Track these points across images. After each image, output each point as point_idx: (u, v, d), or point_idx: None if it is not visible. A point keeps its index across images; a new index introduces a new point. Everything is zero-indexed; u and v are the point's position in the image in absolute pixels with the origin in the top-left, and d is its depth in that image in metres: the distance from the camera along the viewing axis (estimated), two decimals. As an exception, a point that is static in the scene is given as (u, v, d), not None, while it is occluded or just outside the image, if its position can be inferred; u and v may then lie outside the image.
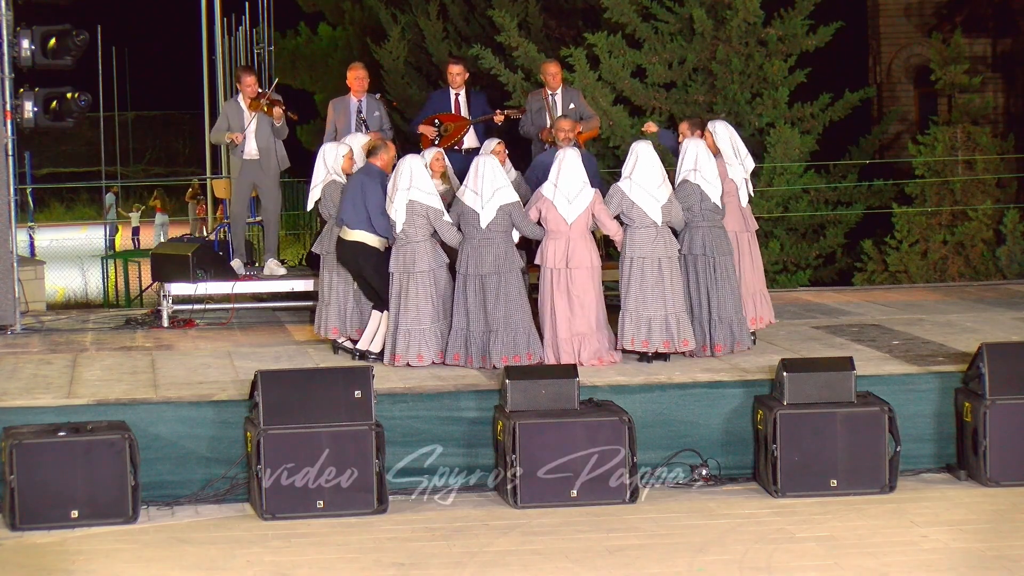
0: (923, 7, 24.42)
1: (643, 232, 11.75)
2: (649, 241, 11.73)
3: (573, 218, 11.70)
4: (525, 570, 8.98)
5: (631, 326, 11.73)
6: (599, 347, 11.73)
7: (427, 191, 11.70)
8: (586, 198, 11.74)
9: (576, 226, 11.71)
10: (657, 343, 11.72)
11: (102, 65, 27.63)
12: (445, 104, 14.27)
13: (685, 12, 19.72)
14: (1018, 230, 19.41)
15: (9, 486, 9.86)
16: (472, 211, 11.64)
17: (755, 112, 19.69)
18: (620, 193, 11.82)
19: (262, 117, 14.21)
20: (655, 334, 11.70)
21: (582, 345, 11.68)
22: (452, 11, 23.77)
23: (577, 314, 11.69)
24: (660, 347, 11.73)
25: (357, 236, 11.95)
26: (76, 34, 13.81)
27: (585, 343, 11.69)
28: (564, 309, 11.68)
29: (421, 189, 11.68)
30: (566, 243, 11.70)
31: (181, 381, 11.31)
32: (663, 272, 11.74)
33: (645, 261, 11.72)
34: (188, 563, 9.24)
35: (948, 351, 12.04)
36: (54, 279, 26.57)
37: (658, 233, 11.75)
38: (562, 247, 11.70)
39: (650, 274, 11.71)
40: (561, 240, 11.72)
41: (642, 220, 11.76)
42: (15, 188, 13.96)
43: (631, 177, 11.84)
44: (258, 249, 16.10)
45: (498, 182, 11.68)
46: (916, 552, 9.22)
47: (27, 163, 32.83)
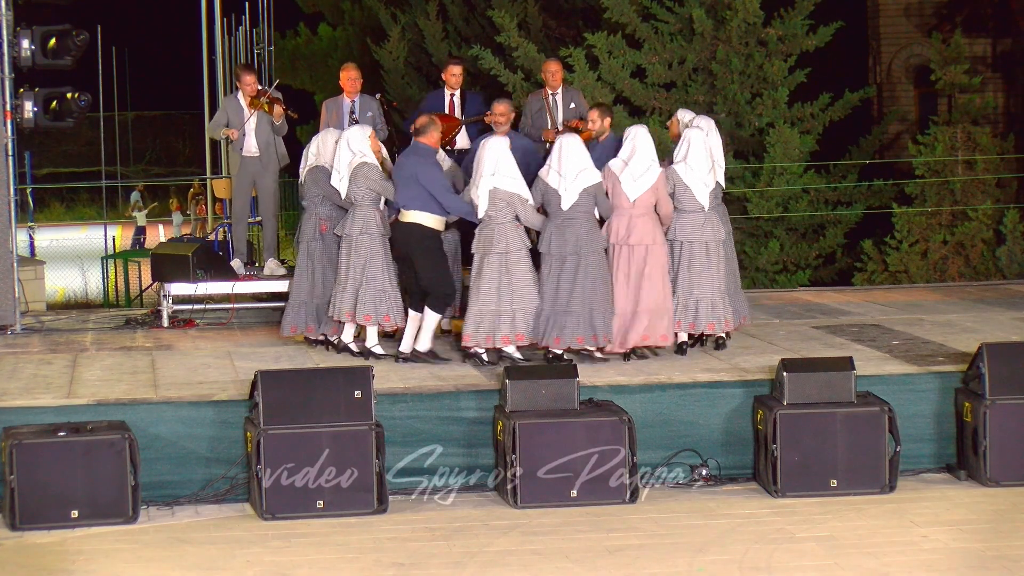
0: (923, 7, 24.42)
1: (692, 216, 12.02)
2: (698, 225, 12.02)
3: (636, 195, 11.80)
4: (525, 570, 8.98)
5: (680, 310, 12.04)
6: (652, 324, 11.83)
7: (512, 176, 11.67)
8: (652, 177, 11.85)
9: (639, 204, 11.81)
10: (703, 325, 12.06)
11: (102, 65, 27.62)
12: (440, 104, 14.27)
13: (685, 12, 19.73)
14: (1018, 230, 19.42)
15: (9, 486, 9.86)
16: (555, 192, 11.68)
17: (755, 112, 19.70)
18: (676, 176, 12.01)
19: (262, 115, 14.22)
20: (701, 317, 12.03)
21: (635, 322, 11.81)
22: (452, 11, 23.78)
23: (634, 291, 11.80)
24: (706, 329, 12.06)
25: (413, 217, 11.88)
26: (76, 34, 13.80)
27: (639, 320, 11.80)
28: (623, 285, 11.82)
29: (506, 175, 11.65)
30: (628, 220, 11.81)
31: (181, 381, 11.31)
32: (710, 256, 12.04)
33: (694, 245, 12.02)
34: (188, 563, 9.24)
35: (948, 351, 12.04)
36: (54, 279, 26.55)
37: (706, 218, 12.05)
38: (624, 224, 11.81)
39: (697, 258, 12.00)
40: (624, 217, 11.81)
41: (692, 204, 12.00)
42: (15, 188, 13.96)
43: (686, 161, 12.04)
44: (258, 249, 16.11)
45: (582, 163, 11.72)
46: (916, 552, 9.22)
47: (27, 163, 32.85)
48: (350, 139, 12.19)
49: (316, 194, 12.49)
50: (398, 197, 11.95)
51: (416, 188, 11.84)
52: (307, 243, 12.53)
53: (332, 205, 12.42)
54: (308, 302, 12.52)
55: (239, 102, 14.35)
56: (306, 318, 12.57)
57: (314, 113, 28.31)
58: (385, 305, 11.94)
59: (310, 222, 12.52)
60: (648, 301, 11.80)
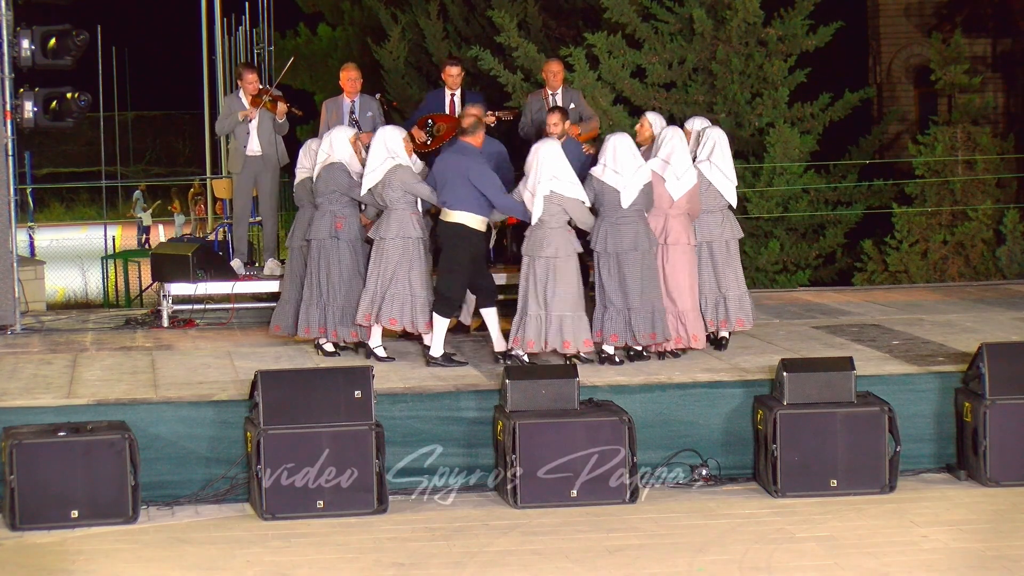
0: (923, 7, 24.43)
1: (712, 216, 12.14)
2: (718, 224, 12.16)
3: (679, 195, 11.85)
4: (525, 570, 8.98)
5: (711, 308, 12.19)
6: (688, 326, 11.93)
7: (571, 181, 11.65)
8: (693, 177, 11.93)
9: (679, 204, 11.87)
10: (732, 323, 12.22)
11: (102, 65, 27.63)
12: (440, 104, 14.26)
13: (685, 12, 19.73)
14: (1018, 230, 19.41)
15: (9, 486, 9.86)
16: (612, 190, 11.67)
17: (755, 112, 19.69)
18: (699, 175, 12.04)
19: (264, 114, 14.22)
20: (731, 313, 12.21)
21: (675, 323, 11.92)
22: (452, 11, 23.77)
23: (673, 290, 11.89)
24: (736, 326, 12.24)
25: (457, 217, 11.81)
26: (76, 34, 13.81)
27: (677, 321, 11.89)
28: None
29: (563, 179, 11.62)
30: (664, 220, 11.86)
31: (181, 381, 11.31)
32: (730, 254, 12.20)
33: (714, 245, 12.16)
34: (188, 563, 9.24)
35: (948, 351, 12.04)
36: (54, 279, 26.56)
37: (724, 217, 12.19)
38: (660, 224, 11.86)
39: (720, 257, 12.17)
40: (660, 217, 11.87)
41: (715, 202, 12.12)
42: (15, 188, 13.96)
43: (711, 160, 12.11)
44: (258, 249, 16.11)
45: (637, 160, 11.75)
46: (916, 552, 9.22)
47: (27, 163, 32.82)
48: (387, 139, 11.99)
49: (332, 191, 12.19)
50: (443, 196, 11.85)
51: (465, 188, 11.76)
52: (319, 241, 12.18)
53: (348, 202, 12.18)
54: (318, 301, 12.24)
55: (241, 100, 14.36)
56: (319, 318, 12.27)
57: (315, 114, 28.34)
58: (411, 309, 11.85)
59: (324, 219, 12.17)
60: (683, 302, 11.89)
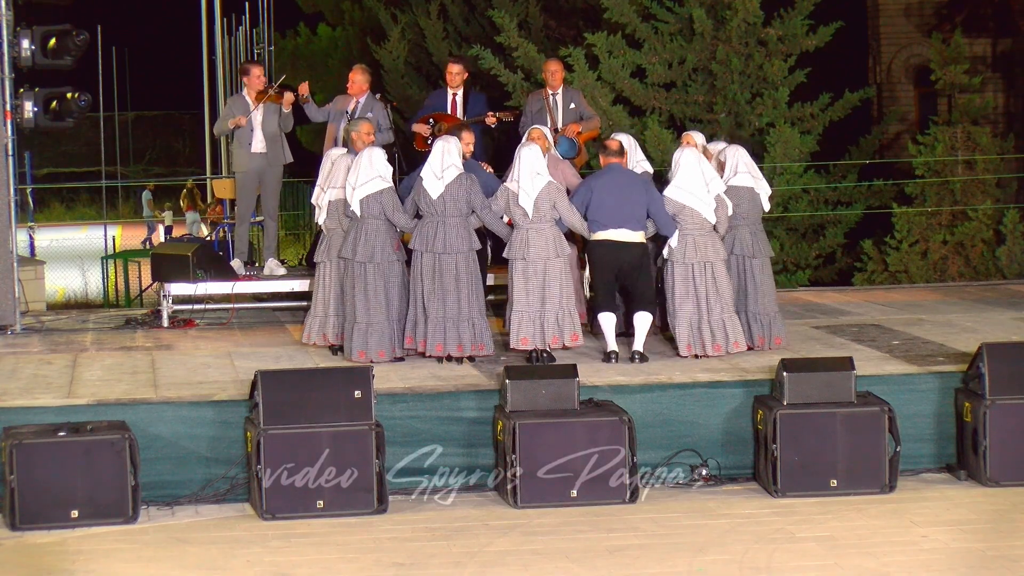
0: (923, 7, 24.42)
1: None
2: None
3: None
4: (525, 570, 8.98)
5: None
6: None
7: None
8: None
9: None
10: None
11: (102, 65, 27.64)
12: (442, 104, 14.28)
13: (685, 12, 19.72)
14: (1018, 230, 19.41)
15: (9, 486, 9.86)
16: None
17: (755, 112, 19.69)
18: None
19: (268, 112, 14.21)
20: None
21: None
22: (452, 11, 23.79)
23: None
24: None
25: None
26: (76, 34, 13.81)
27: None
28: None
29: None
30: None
31: (181, 381, 11.31)
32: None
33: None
34: (188, 563, 9.24)
35: (948, 351, 12.05)
36: (54, 279, 26.59)
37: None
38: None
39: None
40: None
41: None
42: (15, 188, 13.96)
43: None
44: (258, 249, 16.11)
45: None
46: (916, 552, 9.22)
47: (27, 163, 32.84)
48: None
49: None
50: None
51: None
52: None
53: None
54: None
55: (245, 100, 14.36)
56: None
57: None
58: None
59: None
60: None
